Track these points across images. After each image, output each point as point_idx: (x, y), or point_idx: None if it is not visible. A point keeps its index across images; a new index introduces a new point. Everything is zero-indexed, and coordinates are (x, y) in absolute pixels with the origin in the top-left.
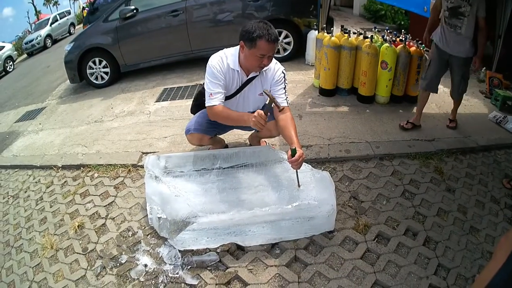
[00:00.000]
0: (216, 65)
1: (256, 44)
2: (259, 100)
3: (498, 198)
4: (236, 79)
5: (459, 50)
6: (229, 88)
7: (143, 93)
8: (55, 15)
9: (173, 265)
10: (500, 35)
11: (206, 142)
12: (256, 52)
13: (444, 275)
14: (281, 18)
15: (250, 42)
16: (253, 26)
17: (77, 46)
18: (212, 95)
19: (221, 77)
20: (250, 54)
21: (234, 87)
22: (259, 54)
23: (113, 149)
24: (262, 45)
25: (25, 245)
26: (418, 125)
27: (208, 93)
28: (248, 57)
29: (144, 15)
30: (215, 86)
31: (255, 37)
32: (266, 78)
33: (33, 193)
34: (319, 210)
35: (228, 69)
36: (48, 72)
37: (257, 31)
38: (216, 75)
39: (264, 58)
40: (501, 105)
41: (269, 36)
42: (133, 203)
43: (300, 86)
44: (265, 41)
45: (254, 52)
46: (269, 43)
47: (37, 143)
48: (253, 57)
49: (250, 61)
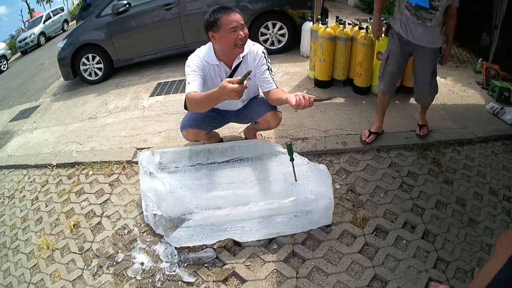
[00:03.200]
0: (192, 63)
1: (220, 22)
2: (250, 85)
3: (497, 190)
4: (218, 74)
5: (428, 39)
6: (215, 84)
7: (137, 88)
8: (48, 13)
9: (170, 262)
10: (496, 26)
11: (203, 137)
12: (226, 29)
13: (444, 268)
14: (275, 9)
15: (215, 25)
16: (209, 13)
17: (70, 42)
18: (188, 83)
19: (198, 69)
20: (222, 36)
21: (220, 81)
22: (229, 29)
23: (107, 145)
24: (226, 19)
25: (21, 246)
26: (381, 132)
27: (186, 84)
28: (223, 40)
29: (137, 10)
30: (191, 76)
31: (216, 18)
32: (248, 63)
33: (29, 193)
34: (316, 204)
35: (207, 65)
36: (42, 70)
37: (213, 13)
38: (192, 68)
39: (237, 31)
40: (498, 96)
41: (225, 9)
42: (128, 200)
43: (296, 78)
44: (225, 14)
45: (224, 31)
46: (230, 13)
47: (31, 142)
48: (227, 36)
49: (227, 43)
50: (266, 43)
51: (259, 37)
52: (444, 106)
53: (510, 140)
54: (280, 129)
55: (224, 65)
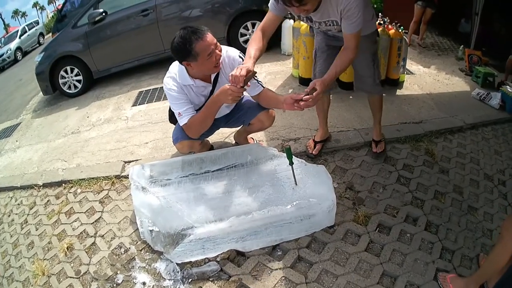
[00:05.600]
0: (172, 88)
1: (195, 51)
2: None
3: (491, 175)
4: (196, 91)
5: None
6: (197, 100)
7: (119, 98)
8: (23, 27)
9: (173, 280)
10: (477, 12)
11: (197, 148)
12: (203, 57)
13: (449, 258)
14: (253, 9)
15: (189, 55)
16: (179, 41)
17: (47, 56)
18: (180, 114)
19: (181, 96)
20: (200, 64)
21: (202, 97)
22: (206, 56)
23: (93, 161)
24: (200, 46)
25: (15, 273)
26: (327, 138)
27: (177, 113)
28: (201, 67)
29: (114, 17)
30: (179, 105)
31: (189, 48)
32: (225, 71)
33: (17, 216)
34: (320, 206)
35: (184, 87)
36: (21, 86)
37: (184, 42)
38: (175, 96)
39: (212, 54)
40: (483, 82)
41: (197, 34)
42: (121, 217)
43: (279, 77)
44: (198, 41)
45: (201, 59)
46: (203, 38)
47: (15, 162)
48: (205, 63)
49: (206, 68)
50: (247, 43)
51: (239, 38)
52: (430, 96)
53: (499, 124)
54: (270, 131)
55: (200, 81)
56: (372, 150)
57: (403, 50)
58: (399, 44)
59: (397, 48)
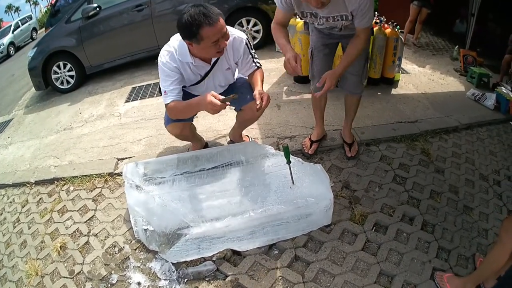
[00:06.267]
0: (167, 63)
1: (201, 35)
2: (229, 73)
3: (486, 175)
4: (194, 70)
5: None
6: (191, 78)
7: (111, 94)
8: (16, 22)
9: (168, 280)
10: (473, 13)
11: (187, 130)
12: (207, 43)
13: (446, 257)
14: (248, 6)
15: (194, 37)
16: (187, 19)
17: (40, 51)
18: (166, 92)
19: (173, 74)
20: (202, 48)
21: (198, 75)
22: (211, 43)
23: (86, 158)
24: (208, 32)
25: (8, 273)
26: (323, 137)
27: (163, 91)
28: (202, 51)
29: (108, 12)
30: (168, 84)
31: (195, 31)
32: (228, 54)
33: (9, 214)
34: (317, 206)
35: (181, 64)
36: (13, 81)
37: (193, 24)
38: (167, 72)
39: (218, 43)
40: (478, 82)
41: (208, 19)
42: (115, 216)
43: (274, 75)
44: (208, 27)
45: (205, 45)
46: (213, 25)
47: (7, 158)
48: (207, 49)
49: (207, 53)
50: None
51: None
52: (425, 95)
53: (493, 125)
54: (266, 129)
55: (200, 61)
56: (346, 154)
57: (399, 49)
58: (395, 43)
59: (393, 47)
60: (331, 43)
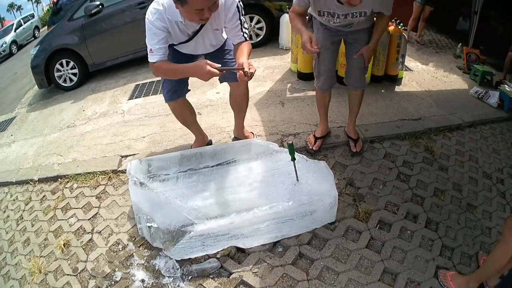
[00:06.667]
0: (155, 22)
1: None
2: (218, 33)
3: (490, 173)
4: (182, 28)
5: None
6: (180, 37)
7: (115, 91)
8: (19, 20)
9: (173, 277)
10: (476, 11)
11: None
12: (190, 9)
13: (449, 255)
14: (251, 2)
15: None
16: None
17: (42, 49)
18: (152, 50)
19: (160, 33)
20: (185, 11)
21: (187, 34)
22: (193, 10)
23: (89, 155)
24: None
25: (12, 271)
26: (327, 134)
27: (148, 49)
28: (184, 14)
29: (111, 10)
30: (154, 42)
31: None
32: (219, 15)
33: (12, 212)
34: (321, 203)
35: (169, 22)
36: (16, 80)
37: None
38: (154, 30)
39: (203, 12)
40: (481, 80)
41: None
42: (119, 213)
43: (277, 72)
44: None
45: (188, 9)
46: None
47: (10, 156)
48: (190, 14)
49: (188, 17)
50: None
51: None
52: (429, 93)
53: (496, 123)
54: (270, 126)
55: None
56: (351, 149)
57: (402, 47)
58: (398, 41)
59: (396, 44)
60: (337, 40)
